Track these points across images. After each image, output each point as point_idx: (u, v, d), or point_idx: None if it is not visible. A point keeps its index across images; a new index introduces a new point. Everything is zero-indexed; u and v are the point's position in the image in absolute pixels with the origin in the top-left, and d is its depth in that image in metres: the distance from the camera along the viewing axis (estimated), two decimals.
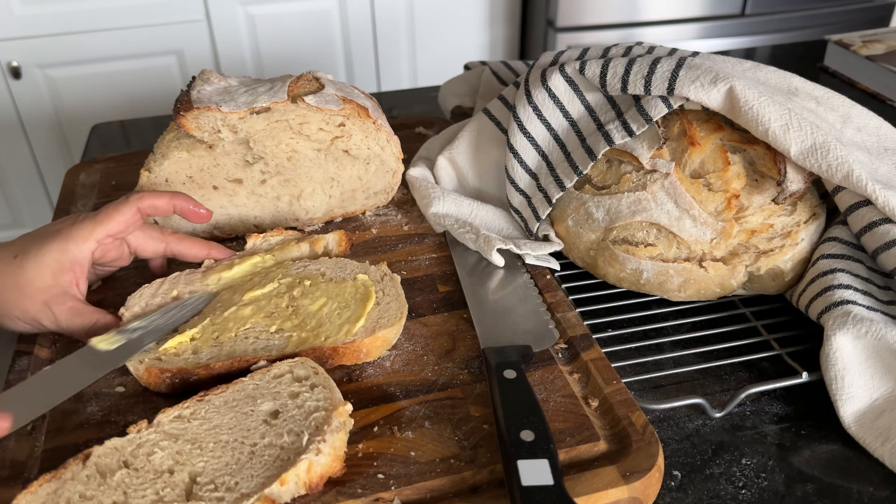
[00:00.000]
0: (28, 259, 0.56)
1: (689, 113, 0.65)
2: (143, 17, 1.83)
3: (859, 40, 1.18)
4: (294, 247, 0.66)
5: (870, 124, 0.67)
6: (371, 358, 0.56)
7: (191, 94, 0.67)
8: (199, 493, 0.44)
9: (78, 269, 0.58)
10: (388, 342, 0.57)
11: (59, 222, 0.59)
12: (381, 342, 0.56)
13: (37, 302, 0.56)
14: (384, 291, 0.59)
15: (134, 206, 0.59)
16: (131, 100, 1.91)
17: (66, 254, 0.57)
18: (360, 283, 0.60)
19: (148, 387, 0.54)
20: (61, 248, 0.57)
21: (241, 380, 0.52)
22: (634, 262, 0.63)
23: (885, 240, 0.57)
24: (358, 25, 2.00)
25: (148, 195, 0.60)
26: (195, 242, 0.65)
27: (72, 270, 0.57)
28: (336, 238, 0.68)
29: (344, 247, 0.68)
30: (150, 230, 0.63)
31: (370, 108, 0.71)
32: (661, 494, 0.50)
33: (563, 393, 0.53)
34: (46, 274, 0.56)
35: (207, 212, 0.64)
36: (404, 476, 0.47)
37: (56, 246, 0.57)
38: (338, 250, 0.68)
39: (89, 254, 0.58)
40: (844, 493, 0.50)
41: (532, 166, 0.70)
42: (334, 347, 0.54)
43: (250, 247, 0.67)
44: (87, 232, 0.57)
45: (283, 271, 0.63)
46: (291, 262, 0.65)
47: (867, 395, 0.54)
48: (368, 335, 0.55)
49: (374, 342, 0.55)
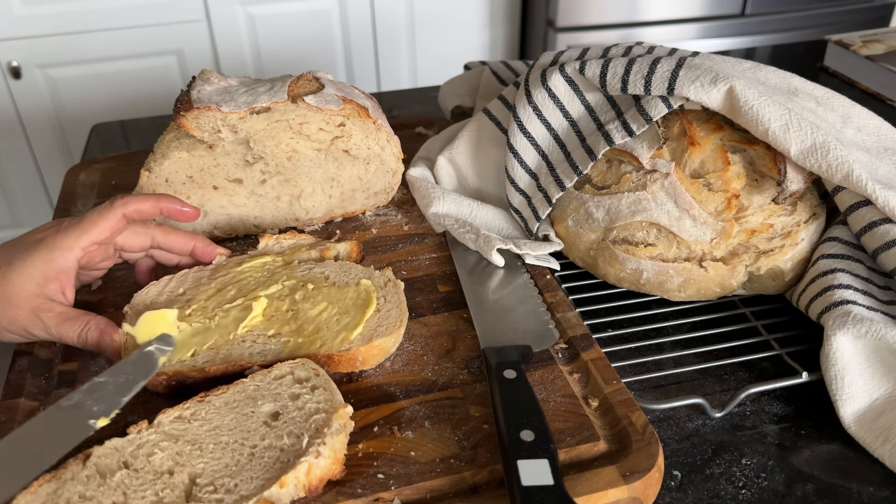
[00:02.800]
0: (13, 270, 0.55)
1: (689, 113, 0.65)
2: (143, 17, 1.83)
3: (859, 40, 1.18)
4: (305, 252, 0.66)
5: (870, 124, 0.67)
6: (368, 366, 0.55)
7: (191, 94, 0.67)
8: (198, 494, 0.44)
9: (64, 277, 0.57)
10: (385, 351, 0.56)
11: (41, 229, 0.58)
12: (379, 351, 0.55)
13: (24, 311, 0.55)
14: (386, 298, 0.58)
15: (119, 211, 0.58)
16: (131, 100, 1.91)
17: (51, 263, 0.56)
18: (363, 288, 0.60)
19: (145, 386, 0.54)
20: (46, 259, 0.56)
21: (241, 381, 0.52)
22: (634, 262, 0.63)
23: (885, 240, 0.57)
24: (358, 25, 2.00)
25: (133, 199, 0.59)
26: (180, 234, 0.63)
27: (57, 280, 0.56)
28: (347, 248, 0.67)
29: (355, 257, 0.67)
30: (133, 225, 0.62)
31: (370, 108, 0.71)
32: (661, 494, 0.50)
33: (563, 393, 0.53)
34: (32, 284, 0.55)
35: (194, 210, 0.63)
36: (404, 476, 0.47)
37: (41, 256, 0.56)
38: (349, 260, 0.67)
39: (75, 262, 0.57)
40: (844, 493, 0.50)
41: (532, 166, 0.70)
42: (329, 355, 0.54)
43: (262, 247, 0.67)
44: (71, 240, 0.56)
45: (288, 273, 0.62)
46: (298, 263, 0.64)
47: (867, 395, 0.54)
48: (365, 343, 0.54)
49: (370, 351, 0.54)
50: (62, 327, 0.56)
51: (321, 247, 0.66)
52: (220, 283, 0.62)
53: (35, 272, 0.56)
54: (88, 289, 0.66)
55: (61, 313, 0.56)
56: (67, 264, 0.57)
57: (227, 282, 0.62)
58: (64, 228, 0.57)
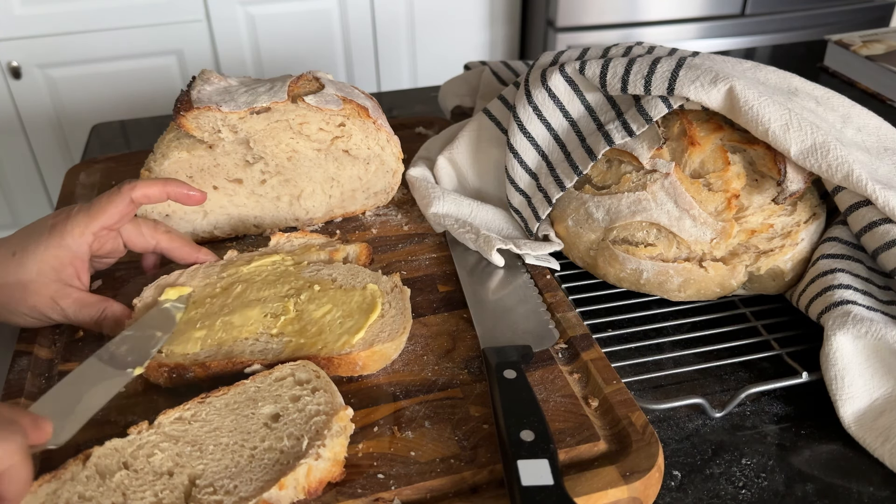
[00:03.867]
0: (27, 257, 0.57)
1: (689, 113, 0.65)
2: (143, 17, 1.83)
3: (859, 40, 1.18)
4: (315, 252, 0.66)
5: (870, 124, 0.67)
6: (368, 371, 0.55)
7: (191, 94, 0.67)
8: (197, 495, 0.44)
9: (78, 262, 0.58)
10: (386, 357, 0.56)
11: (53, 215, 0.60)
12: (379, 356, 0.55)
13: (44, 298, 0.57)
14: (391, 304, 0.58)
15: (127, 196, 0.59)
16: (131, 100, 1.91)
17: (64, 249, 0.58)
18: (369, 292, 0.59)
19: (147, 377, 0.55)
20: (59, 244, 0.57)
21: (242, 382, 0.52)
22: (634, 262, 0.63)
23: (885, 240, 0.57)
24: (358, 25, 2.00)
25: (140, 184, 0.60)
26: (185, 245, 0.64)
27: (72, 265, 0.58)
28: (357, 250, 0.67)
29: (364, 259, 0.67)
30: (143, 226, 0.63)
31: (370, 108, 0.71)
32: (661, 494, 0.50)
33: (563, 393, 0.53)
34: (48, 270, 0.57)
35: (201, 194, 0.63)
36: (404, 476, 0.47)
37: (54, 242, 0.57)
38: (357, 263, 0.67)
39: (87, 247, 0.59)
40: (844, 493, 0.50)
41: (532, 166, 0.70)
42: (329, 357, 0.54)
43: (273, 245, 0.67)
44: (82, 226, 0.58)
45: (296, 273, 0.62)
46: (307, 264, 0.64)
47: (867, 395, 0.54)
48: (366, 348, 0.54)
49: (371, 356, 0.54)
50: (81, 312, 0.58)
51: (331, 248, 0.67)
52: (229, 280, 0.62)
53: (49, 258, 0.57)
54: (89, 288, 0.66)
55: (78, 299, 0.58)
56: (80, 249, 0.58)
57: (236, 279, 0.62)
58: (74, 214, 0.59)
